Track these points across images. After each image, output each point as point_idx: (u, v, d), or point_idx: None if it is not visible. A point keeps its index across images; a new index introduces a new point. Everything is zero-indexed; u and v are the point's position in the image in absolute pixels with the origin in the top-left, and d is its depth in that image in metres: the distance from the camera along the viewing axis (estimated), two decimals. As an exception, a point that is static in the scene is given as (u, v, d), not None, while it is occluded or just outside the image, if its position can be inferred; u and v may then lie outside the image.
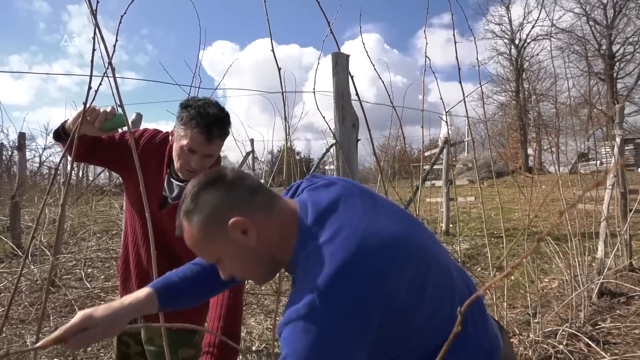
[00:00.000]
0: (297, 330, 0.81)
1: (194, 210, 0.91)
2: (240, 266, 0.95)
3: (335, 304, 0.80)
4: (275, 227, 0.94)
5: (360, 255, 0.84)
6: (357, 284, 0.81)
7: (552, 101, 21.99)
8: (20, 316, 3.70)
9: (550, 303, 3.80)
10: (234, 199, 0.92)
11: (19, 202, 6.62)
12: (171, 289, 1.09)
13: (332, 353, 0.80)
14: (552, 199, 7.58)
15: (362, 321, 0.81)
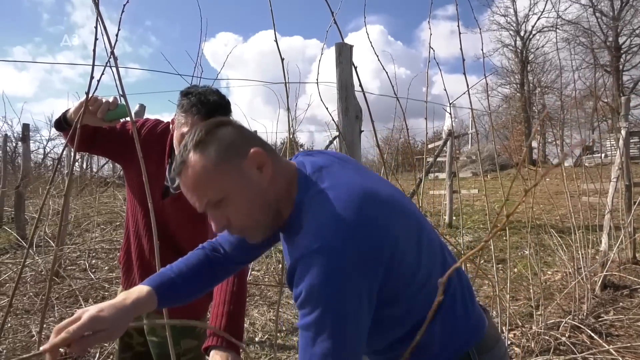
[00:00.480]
0: (310, 264, 0.82)
1: (209, 141, 0.88)
2: (245, 211, 0.91)
3: (347, 239, 0.82)
4: (283, 173, 0.94)
5: (364, 201, 0.86)
6: (366, 223, 0.84)
7: (557, 94, 21.87)
8: (25, 306, 3.73)
9: (553, 295, 3.80)
10: (249, 136, 0.93)
11: (23, 193, 6.64)
12: (168, 286, 1.05)
13: (345, 286, 0.81)
14: (556, 191, 7.56)
15: (373, 259, 0.83)
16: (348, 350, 0.84)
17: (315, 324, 0.83)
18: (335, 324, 0.82)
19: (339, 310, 0.82)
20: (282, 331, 3.43)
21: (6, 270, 4.46)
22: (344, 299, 0.82)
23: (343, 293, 0.82)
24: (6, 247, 6.05)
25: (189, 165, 0.88)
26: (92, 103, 1.35)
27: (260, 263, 5.10)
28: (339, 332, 0.83)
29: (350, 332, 0.84)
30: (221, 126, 0.91)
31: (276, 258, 4.98)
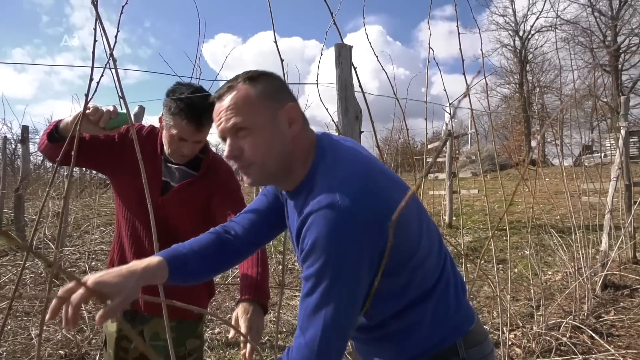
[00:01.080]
0: (319, 218, 0.86)
1: (260, 80, 0.97)
2: (261, 150, 0.95)
3: (357, 200, 0.87)
4: (306, 137, 1.01)
5: (377, 174, 0.95)
6: (376, 191, 0.90)
7: (556, 93, 21.89)
8: (25, 308, 3.72)
9: (553, 296, 3.79)
10: (290, 93, 1.02)
11: (22, 195, 6.63)
12: (181, 261, 1.07)
13: (349, 241, 0.85)
14: (556, 191, 7.56)
15: (378, 223, 0.87)
16: (343, 305, 0.88)
17: (315, 275, 0.87)
18: (335, 276, 0.86)
19: (340, 264, 0.86)
20: (282, 332, 3.43)
21: (6, 272, 4.45)
22: (346, 254, 0.86)
23: (346, 248, 0.85)
24: (6, 249, 6.03)
25: (234, 89, 0.96)
26: (93, 113, 1.35)
27: (260, 264, 5.09)
28: (336, 285, 0.86)
29: (347, 288, 0.88)
30: (272, 76, 1.00)
31: (276, 259, 4.97)
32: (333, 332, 0.88)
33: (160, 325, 1.62)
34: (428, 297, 1.00)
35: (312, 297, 0.89)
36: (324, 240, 0.85)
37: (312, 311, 0.89)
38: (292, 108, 0.97)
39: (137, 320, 1.65)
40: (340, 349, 0.91)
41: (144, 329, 1.66)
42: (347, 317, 0.89)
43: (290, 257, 5.29)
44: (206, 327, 3.59)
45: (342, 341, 0.91)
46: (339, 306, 0.87)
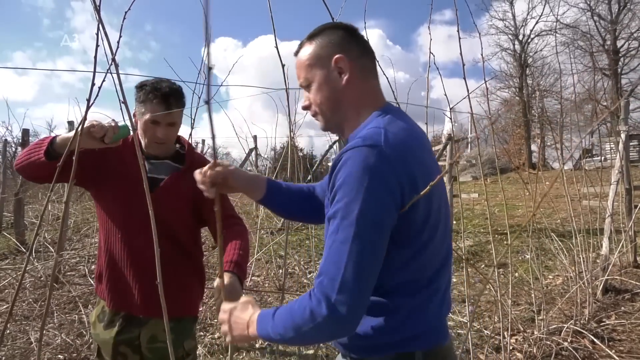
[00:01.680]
0: (354, 155, 0.90)
1: (317, 37, 1.10)
2: (320, 100, 1.10)
3: (392, 145, 0.91)
4: (361, 91, 1.09)
5: (415, 140, 1.00)
6: (410, 146, 0.95)
7: (556, 97, 21.92)
8: (25, 312, 3.71)
9: (554, 300, 3.79)
10: (348, 46, 1.09)
11: (22, 199, 6.63)
12: (278, 186, 1.30)
13: (380, 179, 0.88)
14: (557, 195, 7.56)
15: (405, 169, 0.91)
16: (369, 241, 0.87)
17: (342, 209, 0.88)
18: (362, 212, 0.86)
19: (368, 201, 0.86)
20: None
21: (5, 276, 4.44)
22: (375, 192, 0.87)
23: (376, 185, 0.87)
24: (5, 252, 6.02)
25: (300, 49, 1.13)
26: (99, 131, 1.39)
27: (260, 269, 5.08)
28: (362, 221, 0.86)
29: (373, 225, 0.87)
30: (333, 29, 1.11)
31: (276, 263, 4.96)
32: (358, 268, 0.85)
33: (157, 327, 1.62)
34: (415, 292, 0.99)
35: (337, 233, 0.88)
36: (354, 176, 0.88)
37: (338, 247, 0.87)
38: (339, 59, 1.06)
39: (133, 324, 1.64)
40: (363, 291, 0.86)
41: (141, 333, 1.65)
42: (372, 254, 0.87)
43: (290, 262, 5.28)
44: (206, 331, 3.58)
45: (366, 282, 0.86)
46: (364, 241, 0.86)
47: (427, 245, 0.99)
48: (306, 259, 5.53)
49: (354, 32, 1.12)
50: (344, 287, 0.84)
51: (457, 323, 3.53)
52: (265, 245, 5.32)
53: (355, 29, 1.13)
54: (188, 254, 1.72)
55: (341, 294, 0.83)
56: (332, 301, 0.84)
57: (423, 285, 1.00)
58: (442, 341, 1.04)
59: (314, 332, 0.87)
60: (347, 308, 0.83)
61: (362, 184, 0.87)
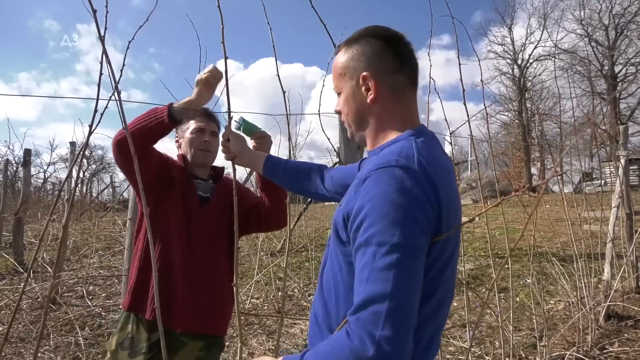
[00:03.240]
0: (382, 176, 0.84)
1: (353, 44, 1.06)
2: (347, 110, 1.09)
3: (423, 167, 0.86)
4: (390, 110, 1.04)
5: (441, 169, 0.92)
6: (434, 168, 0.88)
7: (555, 121, 22.06)
8: (21, 335, 3.67)
9: (556, 326, 3.74)
10: (380, 61, 1.03)
11: (22, 219, 6.62)
12: (275, 160, 1.43)
13: (412, 201, 0.81)
14: (557, 219, 7.54)
15: (434, 196, 0.85)
16: (412, 270, 0.78)
17: (378, 234, 0.78)
18: (404, 236, 0.78)
19: (410, 227, 0.79)
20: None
21: (3, 297, 4.40)
22: (415, 216, 0.80)
23: (414, 209, 0.81)
24: (3, 272, 5.98)
25: (337, 53, 1.11)
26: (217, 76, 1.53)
27: (259, 291, 5.04)
28: (404, 247, 0.77)
29: (416, 251, 0.79)
30: (371, 37, 1.05)
31: (276, 285, 4.92)
32: (404, 299, 0.75)
33: (189, 355, 1.66)
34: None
35: (374, 261, 0.77)
36: (386, 198, 0.80)
37: (377, 276, 0.76)
38: (366, 77, 1.02)
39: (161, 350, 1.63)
40: (410, 325, 0.76)
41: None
42: (417, 282, 0.78)
43: (289, 284, 5.24)
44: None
45: (411, 314, 0.76)
46: (409, 269, 0.77)
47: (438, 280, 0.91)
48: (305, 281, 5.49)
49: (393, 43, 1.04)
50: (389, 322, 0.73)
51: (458, 348, 3.48)
52: (265, 267, 5.29)
53: (397, 39, 1.05)
54: (229, 270, 1.80)
55: (387, 330, 0.73)
56: (377, 338, 0.72)
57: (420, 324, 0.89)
58: None
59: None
60: (394, 346, 0.72)
61: (400, 207, 0.79)
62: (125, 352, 1.61)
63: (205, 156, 1.80)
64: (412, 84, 1.06)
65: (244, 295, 4.78)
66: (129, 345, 1.61)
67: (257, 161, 1.45)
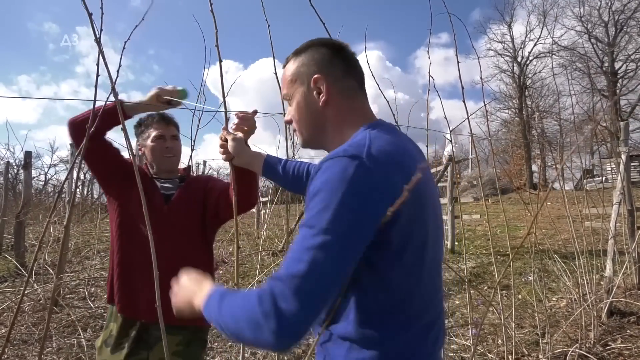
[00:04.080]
0: (331, 164, 0.86)
1: (301, 54, 1.10)
2: (298, 116, 1.11)
3: (373, 156, 0.87)
4: (343, 111, 1.07)
5: (403, 154, 0.94)
6: (390, 153, 0.89)
7: (555, 118, 22.07)
8: (23, 337, 3.67)
9: (559, 323, 3.73)
10: (329, 66, 1.07)
11: (23, 221, 6.62)
12: (275, 161, 1.46)
13: (357, 188, 0.83)
14: (558, 215, 7.54)
15: (387, 183, 0.85)
16: (333, 255, 0.80)
17: (313, 218, 0.83)
18: (332, 222, 0.81)
19: (340, 213, 0.81)
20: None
21: (4, 299, 4.40)
22: (349, 204, 0.82)
23: (350, 197, 0.82)
24: (5, 275, 5.99)
25: (286, 64, 1.14)
26: (165, 94, 1.63)
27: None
28: (331, 232, 0.80)
29: (342, 237, 0.81)
30: (319, 46, 1.10)
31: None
32: (316, 281, 0.79)
33: (172, 341, 1.68)
34: (404, 325, 0.90)
35: (303, 241, 0.82)
36: (330, 185, 0.83)
37: (299, 256, 0.81)
38: (317, 80, 1.06)
39: (141, 346, 1.70)
40: (316, 308, 0.80)
41: (149, 355, 1.69)
42: (335, 268, 0.81)
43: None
44: (206, 355, 3.53)
45: (321, 297, 0.80)
46: (330, 253, 0.80)
47: (418, 269, 0.92)
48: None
49: (340, 51, 1.09)
50: (297, 300, 0.77)
51: (461, 346, 3.48)
52: (267, 267, 5.29)
53: (342, 47, 1.10)
54: (206, 260, 1.84)
55: (292, 306, 0.77)
56: (281, 311, 0.77)
57: (413, 317, 0.92)
58: None
59: (253, 336, 0.81)
60: (294, 322, 0.77)
61: (337, 195, 0.82)
62: (108, 349, 1.71)
63: (170, 161, 1.85)
64: (361, 88, 1.11)
65: (246, 295, 4.78)
66: (111, 342, 1.72)
67: (256, 162, 1.45)
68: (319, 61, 1.07)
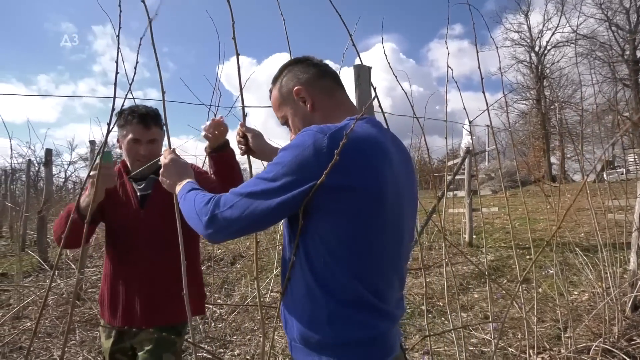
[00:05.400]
0: (302, 133, 1.01)
1: (280, 78, 1.22)
2: (298, 128, 1.18)
3: (317, 132, 0.99)
4: (329, 108, 1.18)
5: (366, 140, 1.02)
6: (337, 137, 0.97)
7: (575, 108, 21.62)
8: (47, 330, 3.75)
9: (581, 317, 3.67)
10: (304, 75, 1.19)
11: (45, 217, 6.75)
12: None
13: (301, 156, 0.97)
14: (579, 208, 7.41)
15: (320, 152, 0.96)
16: (264, 206, 0.98)
17: (266, 167, 1.04)
18: (272, 176, 0.99)
19: (281, 171, 0.98)
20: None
21: (29, 293, 4.51)
22: (292, 165, 0.97)
23: (295, 160, 0.97)
24: (29, 270, 6.13)
25: (270, 95, 1.26)
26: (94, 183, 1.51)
27: (279, 284, 5.06)
28: (266, 184, 0.99)
29: (272, 192, 0.98)
30: (288, 66, 1.23)
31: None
32: (243, 220, 1.00)
33: (145, 335, 1.75)
34: (349, 292, 1.01)
35: (252, 183, 1.02)
36: (290, 147, 1.00)
37: (245, 193, 1.01)
38: (299, 91, 1.17)
39: (124, 338, 1.79)
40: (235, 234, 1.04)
41: (134, 343, 1.79)
42: (261, 215, 0.99)
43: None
44: (225, 348, 3.57)
45: (241, 230, 1.03)
46: (262, 202, 0.99)
47: (368, 240, 1.01)
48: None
49: (307, 61, 1.22)
50: (228, 212, 1.01)
51: (480, 340, 3.45)
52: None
53: (307, 58, 1.23)
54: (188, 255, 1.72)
55: (225, 214, 1.01)
56: (216, 213, 1.02)
57: (362, 288, 1.01)
58: (384, 356, 1.04)
59: (194, 223, 1.09)
60: (220, 223, 1.02)
61: (289, 156, 0.98)
62: (104, 334, 1.84)
63: (139, 165, 1.78)
64: (338, 84, 1.23)
65: (264, 289, 4.81)
66: (105, 330, 1.83)
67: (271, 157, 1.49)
68: (293, 76, 1.20)
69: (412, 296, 4.72)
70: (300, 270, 1.05)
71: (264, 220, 1.01)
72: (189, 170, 1.37)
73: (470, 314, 4.10)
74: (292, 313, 1.08)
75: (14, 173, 11.42)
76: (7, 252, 7.86)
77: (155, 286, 1.74)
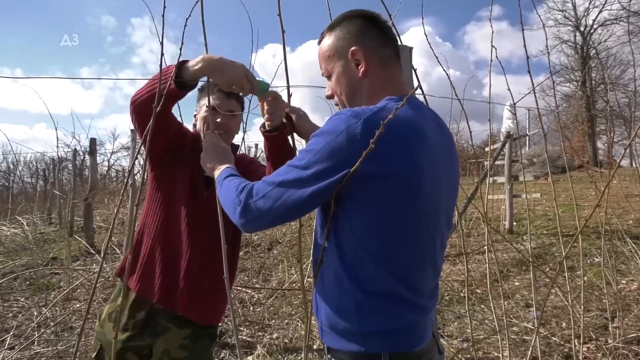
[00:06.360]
0: (335, 117, 0.97)
1: (337, 27, 1.13)
2: (340, 89, 1.13)
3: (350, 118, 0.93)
4: (380, 80, 1.10)
5: (408, 125, 0.97)
6: (384, 119, 0.90)
7: (623, 90, 20.58)
8: (95, 311, 3.92)
9: (629, 307, 3.53)
10: (365, 37, 1.10)
11: (91, 204, 7.03)
12: None
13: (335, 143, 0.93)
14: (627, 194, 7.08)
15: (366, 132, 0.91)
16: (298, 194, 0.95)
17: (299, 154, 1.00)
18: (305, 165, 0.95)
19: (314, 160, 0.94)
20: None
21: (78, 276, 4.72)
22: (324, 154, 0.93)
23: (328, 147, 0.93)
24: (77, 254, 6.41)
25: (321, 40, 1.17)
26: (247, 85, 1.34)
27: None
28: (299, 172, 0.96)
29: (304, 181, 0.95)
30: (353, 18, 1.12)
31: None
32: (277, 209, 0.97)
33: (172, 341, 1.56)
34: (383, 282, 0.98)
35: (285, 172, 0.99)
36: (323, 133, 0.95)
37: (280, 181, 0.98)
38: (355, 52, 1.08)
39: (146, 332, 1.57)
40: (269, 224, 1.04)
41: (155, 344, 1.57)
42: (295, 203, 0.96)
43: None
44: (264, 332, 3.63)
45: (275, 220, 1.01)
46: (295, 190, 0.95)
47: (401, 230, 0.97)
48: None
49: (374, 21, 1.12)
50: (262, 201, 0.99)
51: (522, 329, 3.37)
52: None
53: (375, 17, 1.12)
54: (231, 257, 1.63)
55: (259, 203, 1.00)
56: (249, 202, 1.01)
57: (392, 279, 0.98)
58: (415, 343, 1.00)
59: (230, 211, 1.08)
60: (253, 213, 1.01)
61: (321, 142, 0.94)
62: (112, 324, 1.58)
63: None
64: (397, 56, 1.14)
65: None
66: (115, 318, 1.55)
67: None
68: (354, 33, 1.10)
69: (450, 283, 4.66)
70: (331, 256, 1.03)
71: (296, 210, 0.98)
72: (229, 154, 1.35)
73: (511, 302, 4.01)
74: (322, 298, 1.06)
75: (61, 162, 11.89)
76: (56, 238, 8.25)
77: (201, 276, 1.58)
